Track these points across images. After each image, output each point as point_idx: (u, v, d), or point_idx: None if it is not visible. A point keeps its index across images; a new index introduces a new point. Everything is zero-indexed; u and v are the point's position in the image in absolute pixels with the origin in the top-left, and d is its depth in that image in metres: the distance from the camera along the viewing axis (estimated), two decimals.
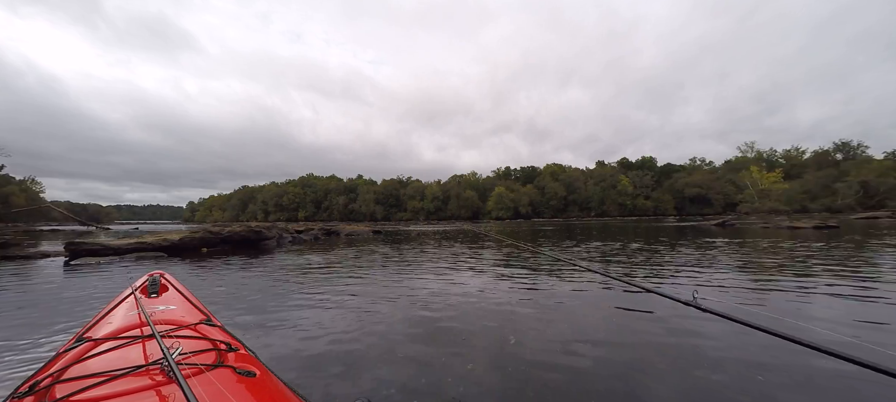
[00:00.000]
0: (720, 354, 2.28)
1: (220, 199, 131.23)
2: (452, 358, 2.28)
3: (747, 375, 2.01)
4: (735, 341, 2.45)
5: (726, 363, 2.16)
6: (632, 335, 2.67)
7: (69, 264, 7.51)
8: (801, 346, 0.93)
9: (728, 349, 2.33)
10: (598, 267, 6.07)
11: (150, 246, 8.73)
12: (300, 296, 4.18)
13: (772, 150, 70.32)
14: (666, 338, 2.58)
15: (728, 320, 1.14)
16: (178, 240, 9.08)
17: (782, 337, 0.99)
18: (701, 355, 2.28)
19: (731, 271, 5.36)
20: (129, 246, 8.49)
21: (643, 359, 2.24)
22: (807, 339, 0.94)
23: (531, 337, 2.66)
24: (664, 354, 2.31)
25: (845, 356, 0.85)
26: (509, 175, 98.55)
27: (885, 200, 42.97)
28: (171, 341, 1.25)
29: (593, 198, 78.48)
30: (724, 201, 66.56)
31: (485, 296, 3.99)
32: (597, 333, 2.74)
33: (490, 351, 2.42)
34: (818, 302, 3.56)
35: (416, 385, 1.94)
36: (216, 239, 10.00)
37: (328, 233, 16.95)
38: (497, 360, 2.26)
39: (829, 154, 61.28)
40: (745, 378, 1.98)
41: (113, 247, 8.36)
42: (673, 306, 3.20)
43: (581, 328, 2.85)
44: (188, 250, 9.38)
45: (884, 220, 22.76)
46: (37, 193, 56.32)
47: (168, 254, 8.87)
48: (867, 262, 5.90)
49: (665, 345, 2.46)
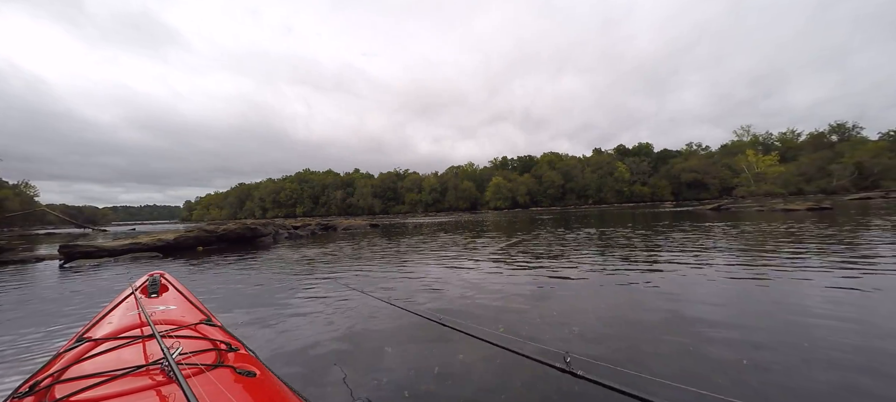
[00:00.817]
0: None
1: (217, 197, 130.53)
2: (450, 355, 2.28)
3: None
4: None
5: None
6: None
7: (64, 267, 7.50)
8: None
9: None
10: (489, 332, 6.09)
11: (145, 246, 8.71)
12: (297, 293, 4.19)
13: (768, 133, 70.44)
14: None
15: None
16: (173, 239, 9.07)
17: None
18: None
19: (718, 254, 5.41)
20: (123, 247, 8.47)
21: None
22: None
23: (528, 332, 2.68)
24: None
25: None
26: (507, 165, 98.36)
27: (879, 180, 43.26)
28: (172, 341, 1.25)
29: (591, 186, 78.58)
30: (721, 185, 66.78)
31: (482, 288, 4.02)
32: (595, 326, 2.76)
33: (488, 348, 2.42)
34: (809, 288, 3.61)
35: (415, 384, 1.94)
36: (212, 238, 9.98)
37: (325, 228, 16.96)
38: (496, 358, 2.23)
39: (825, 136, 61.41)
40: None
41: (108, 248, 8.34)
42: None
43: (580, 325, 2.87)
44: (184, 249, 9.37)
45: (877, 200, 22.97)
46: (31, 197, 55.79)
47: (163, 254, 8.86)
48: (852, 242, 5.97)
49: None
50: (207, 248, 9.80)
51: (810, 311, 2.77)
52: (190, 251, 9.30)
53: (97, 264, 7.76)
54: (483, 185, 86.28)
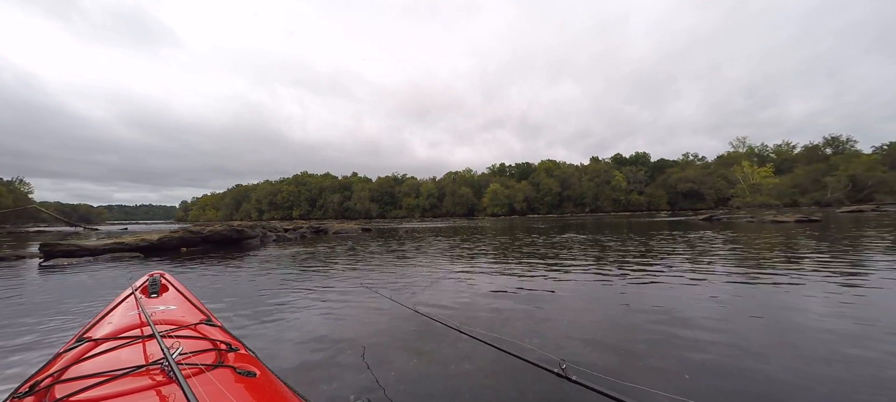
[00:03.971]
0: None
1: (214, 198, 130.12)
2: (448, 355, 2.28)
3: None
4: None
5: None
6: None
7: (43, 266, 7.42)
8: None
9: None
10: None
11: (127, 246, 8.63)
12: (292, 293, 4.22)
13: (763, 145, 71.07)
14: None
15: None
16: (157, 240, 9.00)
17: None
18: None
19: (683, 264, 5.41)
20: (104, 247, 8.40)
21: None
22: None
23: (525, 336, 2.69)
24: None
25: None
26: (504, 172, 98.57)
27: (873, 193, 43.57)
28: (172, 341, 1.25)
29: (588, 194, 78.77)
30: (717, 195, 67.12)
31: (477, 292, 4.02)
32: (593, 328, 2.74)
33: (485, 350, 2.44)
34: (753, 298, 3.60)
35: (413, 383, 1.96)
36: (197, 239, 9.91)
37: (317, 231, 16.89)
38: (493, 360, 2.22)
39: (819, 149, 61.94)
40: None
41: (88, 248, 8.27)
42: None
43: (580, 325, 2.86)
44: (167, 250, 9.30)
45: (868, 213, 23.08)
46: (25, 195, 55.46)
47: (145, 254, 8.78)
48: (837, 254, 5.97)
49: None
50: (192, 250, 9.72)
51: (797, 320, 2.79)
52: (173, 253, 9.22)
53: (76, 263, 7.69)
54: (481, 191, 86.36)
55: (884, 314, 2.90)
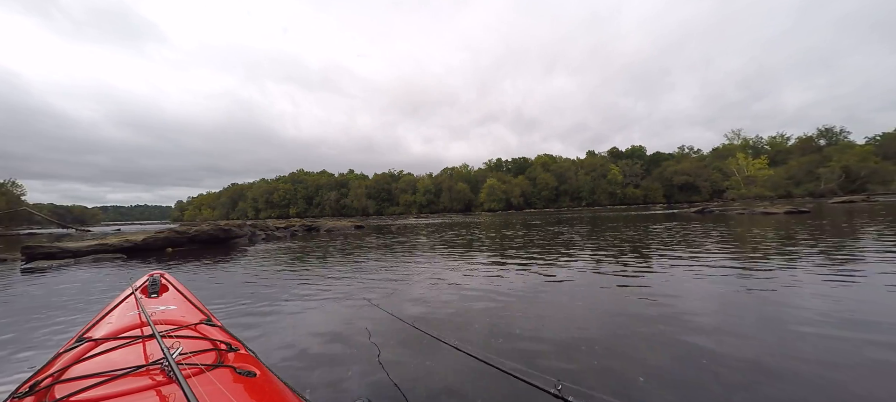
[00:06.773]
0: None
1: (209, 197, 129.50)
2: (440, 366, 2.20)
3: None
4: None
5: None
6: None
7: (25, 269, 7.34)
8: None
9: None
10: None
11: (110, 247, 8.55)
12: (286, 293, 4.20)
13: (758, 137, 71.32)
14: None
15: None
16: (141, 241, 8.92)
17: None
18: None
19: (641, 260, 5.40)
20: (87, 248, 8.32)
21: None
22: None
23: (522, 329, 2.67)
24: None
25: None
26: (501, 167, 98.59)
27: (865, 183, 43.93)
28: (172, 341, 1.26)
29: (584, 188, 78.99)
30: (712, 188, 67.50)
31: (469, 297, 3.84)
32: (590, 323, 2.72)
33: (482, 345, 2.45)
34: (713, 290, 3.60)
35: (411, 383, 1.94)
36: (183, 239, 9.83)
37: (309, 229, 16.81)
38: (486, 375, 2.08)
39: (813, 140, 62.26)
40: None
41: (71, 250, 8.18)
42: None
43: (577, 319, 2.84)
44: (152, 251, 9.22)
45: (859, 203, 23.24)
46: (17, 197, 54.90)
47: (128, 255, 8.69)
48: (817, 244, 5.99)
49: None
50: (178, 250, 9.64)
51: (797, 316, 2.74)
52: (158, 253, 9.14)
53: (57, 265, 7.61)
54: (477, 186, 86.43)
55: (861, 305, 2.91)
